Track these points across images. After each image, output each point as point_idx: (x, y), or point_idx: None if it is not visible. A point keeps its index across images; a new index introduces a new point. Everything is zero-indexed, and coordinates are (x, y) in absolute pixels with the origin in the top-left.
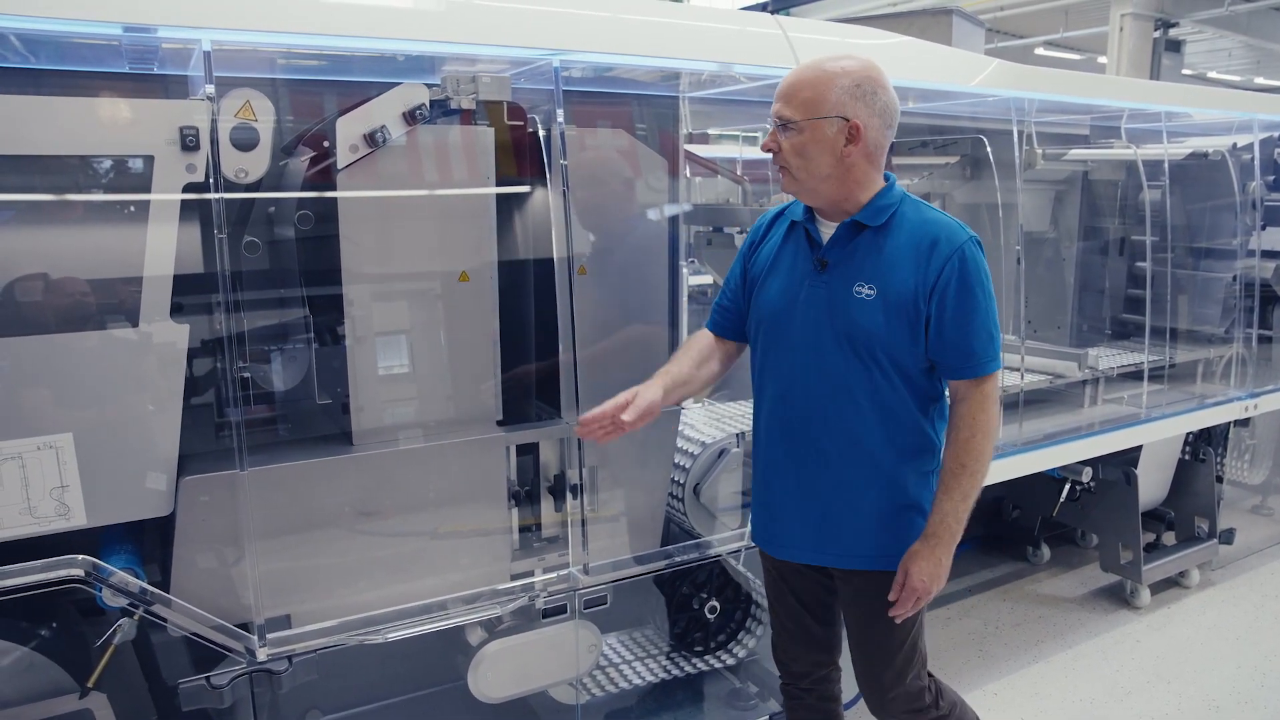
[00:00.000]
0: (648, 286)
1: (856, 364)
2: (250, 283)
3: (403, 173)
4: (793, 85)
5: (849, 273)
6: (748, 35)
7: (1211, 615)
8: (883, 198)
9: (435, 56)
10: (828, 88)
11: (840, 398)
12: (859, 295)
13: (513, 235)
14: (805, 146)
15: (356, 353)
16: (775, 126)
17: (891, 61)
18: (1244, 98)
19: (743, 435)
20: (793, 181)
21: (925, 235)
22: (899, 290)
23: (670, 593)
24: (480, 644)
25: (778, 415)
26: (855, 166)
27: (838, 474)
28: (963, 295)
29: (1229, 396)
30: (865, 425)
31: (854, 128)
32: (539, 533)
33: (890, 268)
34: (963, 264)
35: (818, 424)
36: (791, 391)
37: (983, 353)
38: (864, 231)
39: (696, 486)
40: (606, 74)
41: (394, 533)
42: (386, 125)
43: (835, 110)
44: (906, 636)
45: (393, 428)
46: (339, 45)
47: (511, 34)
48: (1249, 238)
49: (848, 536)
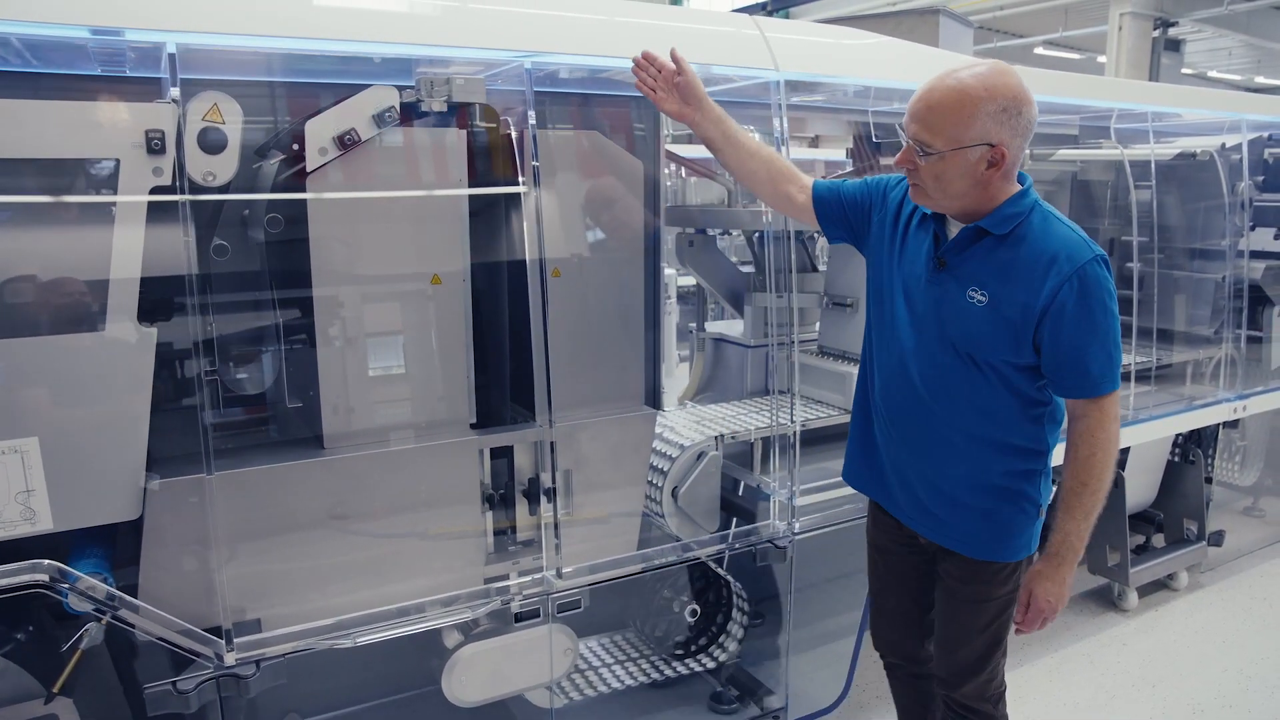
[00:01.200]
0: (624, 289)
1: (959, 365)
2: (220, 286)
3: (373, 175)
4: (933, 107)
5: (964, 276)
6: (724, 36)
7: (1199, 618)
8: (1011, 205)
9: (410, 59)
10: (973, 113)
11: (941, 395)
12: (970, 300)
13: (489, 237)
14: (945, 172)
15: (327, 356)
16: (911, 145)
17: (871, 63)
18: (1232, 98)
19: (721, 438)
20: (924, 196)
21: (1046, 250)
22: (1010, 303)
23: (651, 596)
24: (455, 647)
25: (885, 395)
26: (992, 185)
27: (937, 463)
28: (1081, 317)
29: (1217, 398)
30: (964, 422)
31: (998, 153)
32: (514, 536)
33: (1005, 278)
34: (1083, 284)
35: (919, 414)
36: (897, 378)
37: (1100, 375)
38: (986, 238)
39: (675, 490)
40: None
41: (366, 536)
42: (356, 128)
43: (980, 138)
44: (990, 624)
45: (364, 431)
46: (306, 47)
47: (481, 35)
48: (1238, 239)
49: (946, 518)
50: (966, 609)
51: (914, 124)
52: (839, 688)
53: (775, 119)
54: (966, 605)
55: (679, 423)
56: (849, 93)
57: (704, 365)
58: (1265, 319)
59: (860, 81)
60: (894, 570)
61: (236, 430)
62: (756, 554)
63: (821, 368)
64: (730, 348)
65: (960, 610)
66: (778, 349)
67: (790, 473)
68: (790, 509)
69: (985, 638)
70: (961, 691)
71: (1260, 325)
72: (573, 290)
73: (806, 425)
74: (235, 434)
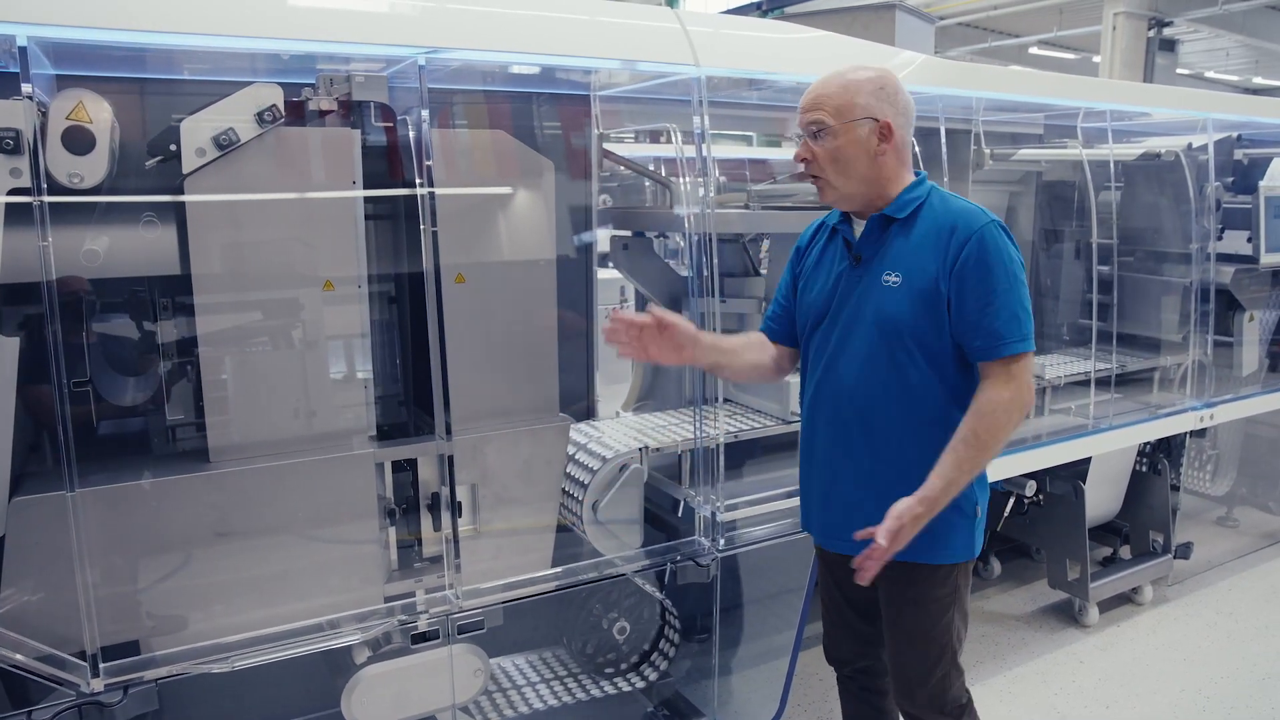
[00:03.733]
0: (535, 295)
1: (885, 352)
2: (95, 291)
3: (258, 177)
4: (820, 94)
5: (877, 265)
6: (640, 30)
7: (1162, 634)
8: (909, 191)
9: (293, 54)
10: (855, 92)
11: (870, 387)
12: (886, 283)
13: (393, 242)
14: (840, 150)
15: (210, 365)
16: (806, 136)
17: (802, 59)
18: (1198, 96)
19: (646, 449)
20: (831, 190)
21: (946, 222)
22: (921, 276)
23: (580, 611)
24: (357, 668)
25: (815, 404)
26: (887, 165)
27: (867, 463)
28: (982, 274)
29: (1184, 406)
30: (893, 416)
31: (885, 126)
32: (420, 552)
33: (914, 255)
34: (981, 244)
35: (848, 413)
36: (826, 380)
37: (1006, 332)
38: (892, 224)
39: (595, 503)
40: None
41: (254, 554)
42: (235, 128)
43: (865, 112)
44: (932, 628)
45: (253, 444)
46: (174, 43)
47: (371, 30)
48: (1206, 241)
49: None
50: (908, 613)
51: (806, 113)
52: (774, 707)
53: (696, 117)
54: (907, 609)
55: (611, 433)
56: (782, 90)
57: (644, 372)
58: (1235, 324)
59: (792, 78)
60: (840, 583)
61: (115, 444)
62: (676, 572)
63: None
64: None
65: (902, 615)
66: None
67: (714, 486)
68: (713, 524)
69: (930, 642)
70: (915, 702)
71: (1231, 331)
72: (478, 297)
73: (738, 436)
74: (114, 448)
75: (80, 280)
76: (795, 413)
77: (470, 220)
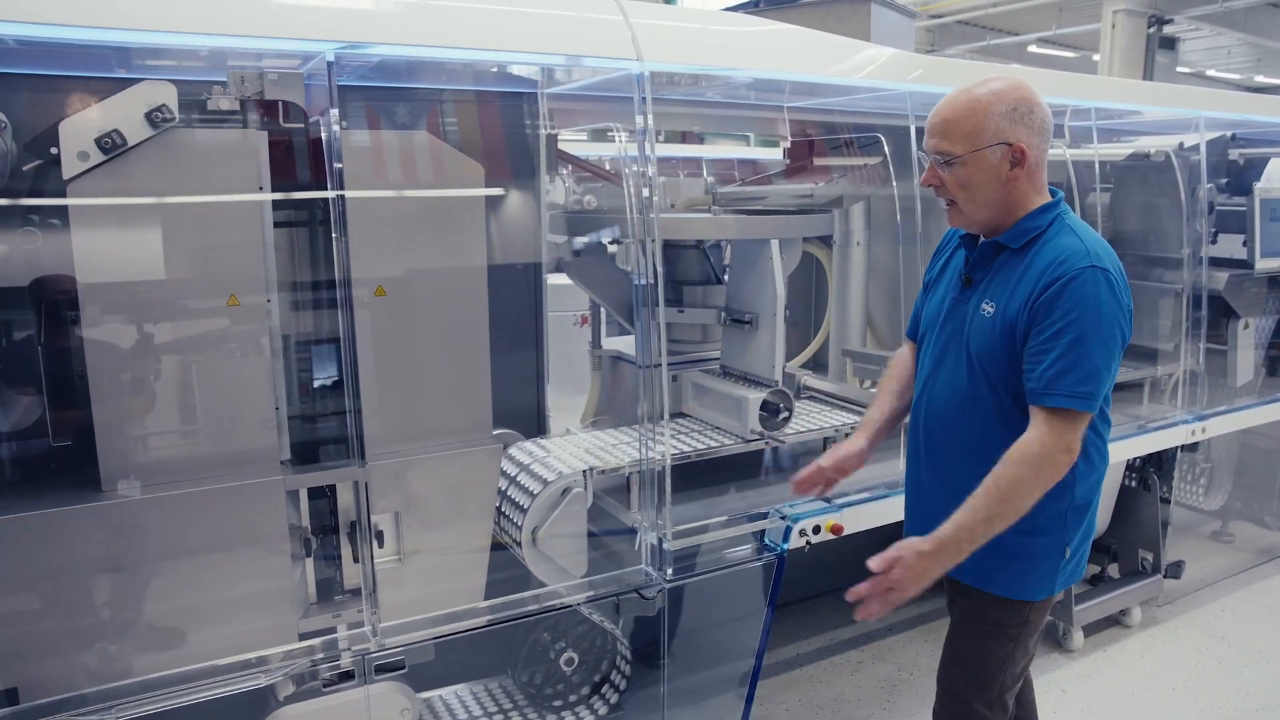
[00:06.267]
0: (465, 308)
1: (973, 381)
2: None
3: (151, 183)
4: (948, 118)
5: (982, 292)
6: (577, 22)
7: (1150, 660)
8: (1031, 219)
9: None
10: (985, 115)
11: (954, 413)
12: (983, 313)
13: (314, 253)
14: (970, 178)
15: (101, 387)
16: (934, 162)
17: (756, 52)
18: (1190, 93)
19: (590, 471)
20: (959, 215)
21: (1051, 259)
22: (1010, 309)
23: (522, 641)
24: (279, 704)
25: (915, 417)
26: (1018, 189)
27: (953, 485)
28: (1057, 314)
29: (1174, 420)
30: (970, 446)
31: (1018, 150)
32: (341, 585)
33: (1013, 288)
34: (1066, 285)
35: (936, 433)
36: (924, 395)
37: (1059, 383)
38: (1003, 252)
39: (535, 529)
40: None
41: (151, 592)
42: (121, 129)
43: (996, 138)
44: (992, 655)
45: (150, 471)
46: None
47: (277, 24)
48: (1199, 245)
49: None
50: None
51: (932, 138)
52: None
53: (639, 116)
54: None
55: (558, 452)
56: (739, 85)
57: (601, 385)
58: (1229, 332)
59: (748, 73)
60: (949, 596)
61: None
62: (620, 605)
63: (720, 390)
64: (628, 367)
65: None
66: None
67: (661, 511)
68: (660, 553)
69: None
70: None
71: (1224, 339)
72: (400, 310)
73: (694, 456)
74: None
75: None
76: (755, 430)
77: (390, 228)
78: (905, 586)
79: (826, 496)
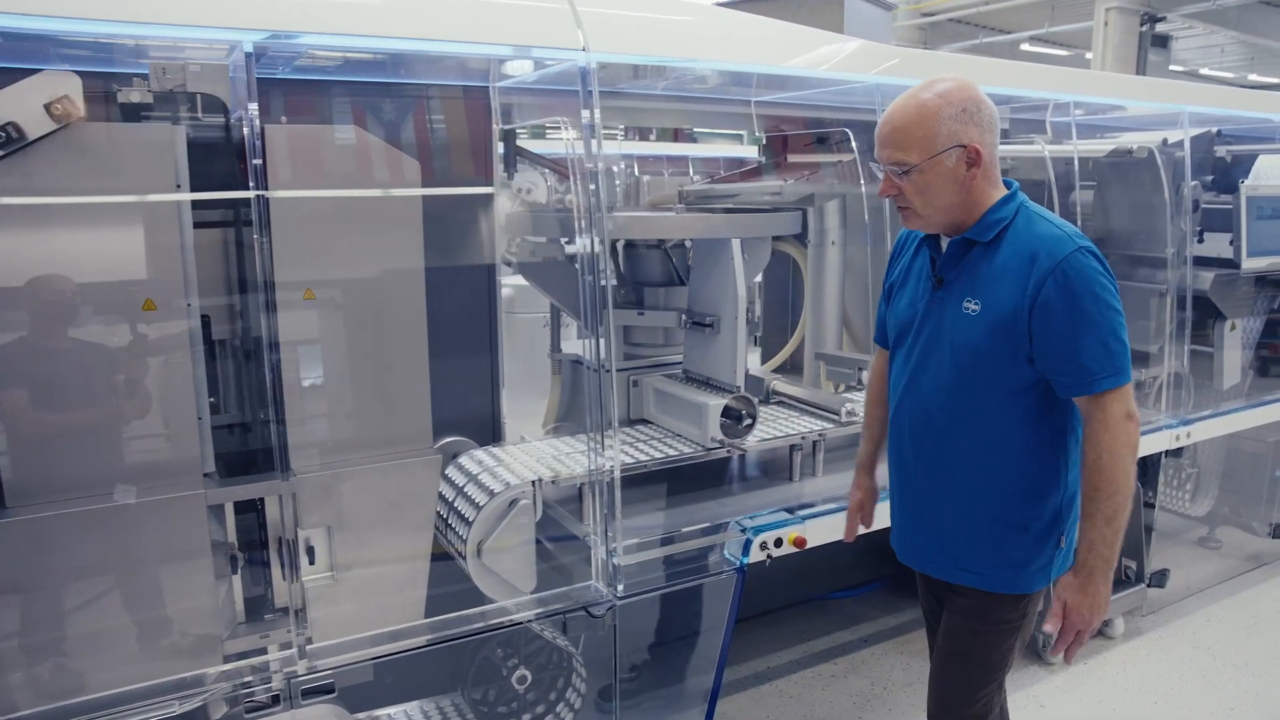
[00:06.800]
0: (402, 312)
1: (962, 380)
2: None
3: (53, 180)
4: (898, 127)
5: (959, 290)
6: (520, 10)
7: (1133, 672)
8: (995, 212)
9: (138, 42)
10: (936, 120)
11: (946, 412)
12: (966, 311)
13: (241, 254)
14: (929, 184)
15: (5, 396)
16: (890, 172)
17: (710, 41)
18: (1172, 87)
19: (539, 482)
20: (915, 218)
21: (1027, 249)
22: (1000, 305)
23: (472, 657)
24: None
25: (898, 419)
26: (976, 187)
27: (945, 486)
28: (1069, 308)
29: (1158, 424)
30: (969, 443)
31: (973, 151)
32: (272, 604)
33: (994, 283)
34: (1066, 276)
35: (926, 434)
36: (907, 398)
37: (1096, 367)
38: (974, 247)
39: (480, 543)
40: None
41: (62, 613)
42: (18, 121)
43: (950, 141)
44: (994, 651)
45: (58, 485)
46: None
47: (192, 12)
48: (1183, 244)
49: (955, 548)
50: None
51: (885, 149)
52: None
53: (584, 110)
54: (968, 625)
55: (510, 461)
56: (699, 79)
57: (561, 390)
58: (1215, 334)
59: (705, 64)
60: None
61: None
62: (566, 623)
63: (681, 396)
64: (588, 371)
65: (960, 632)
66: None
67: (612, 525)
68: (610, 569)
69: (984, 666)
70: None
71: (1210, 340)
72: (330, 314)
73: (650, 466)
74: None
75: None
76: (715, 439)
77: (318, 227)
78: (1089, 622)
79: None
